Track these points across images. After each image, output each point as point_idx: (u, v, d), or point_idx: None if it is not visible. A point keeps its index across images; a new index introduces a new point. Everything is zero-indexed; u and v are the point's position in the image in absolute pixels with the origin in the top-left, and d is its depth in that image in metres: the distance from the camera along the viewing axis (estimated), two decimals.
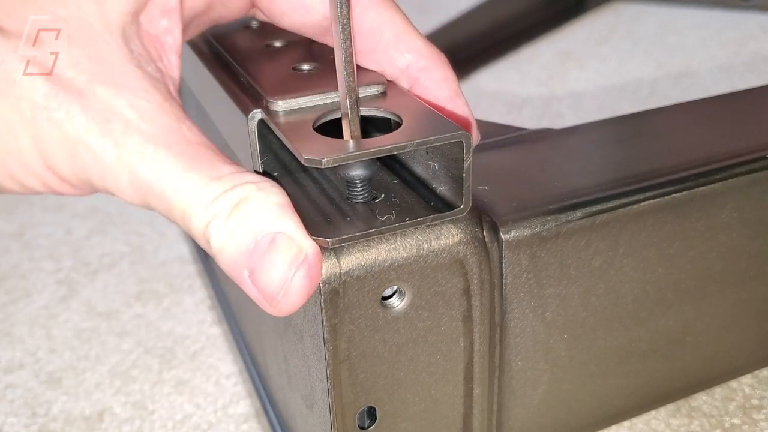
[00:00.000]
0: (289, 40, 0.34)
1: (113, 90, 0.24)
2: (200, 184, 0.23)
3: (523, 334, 0.32)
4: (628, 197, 0.32)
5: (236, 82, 0.31)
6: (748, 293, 0.37)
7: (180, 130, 0.24)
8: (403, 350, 0.28)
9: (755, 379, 0.41)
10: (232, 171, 0.24)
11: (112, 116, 0.23)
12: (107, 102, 0.24)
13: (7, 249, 0.60)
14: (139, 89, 0.24)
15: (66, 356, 0.47)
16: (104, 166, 0.24)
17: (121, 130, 0.23)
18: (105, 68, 0.24)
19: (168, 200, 0.24)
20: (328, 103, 0.28)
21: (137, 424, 0.42)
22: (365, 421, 0.30)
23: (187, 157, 0.24)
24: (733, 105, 0.42)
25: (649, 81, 0.80)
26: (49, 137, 0.23)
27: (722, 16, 0.95)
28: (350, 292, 0.26)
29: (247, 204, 0.23)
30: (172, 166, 0.23)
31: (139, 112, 0.24)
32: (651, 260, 0.33)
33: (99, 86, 0.24)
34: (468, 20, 0.88)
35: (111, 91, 0.24)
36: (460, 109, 0.29)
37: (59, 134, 0.23)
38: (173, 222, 0.24)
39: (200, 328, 0.49)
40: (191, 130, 0.25)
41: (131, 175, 0.24)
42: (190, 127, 0.25)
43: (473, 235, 0.28)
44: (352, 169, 0.27)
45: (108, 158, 0.23)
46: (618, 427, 0.39)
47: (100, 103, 0.24)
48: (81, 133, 0.23)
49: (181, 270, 0.56)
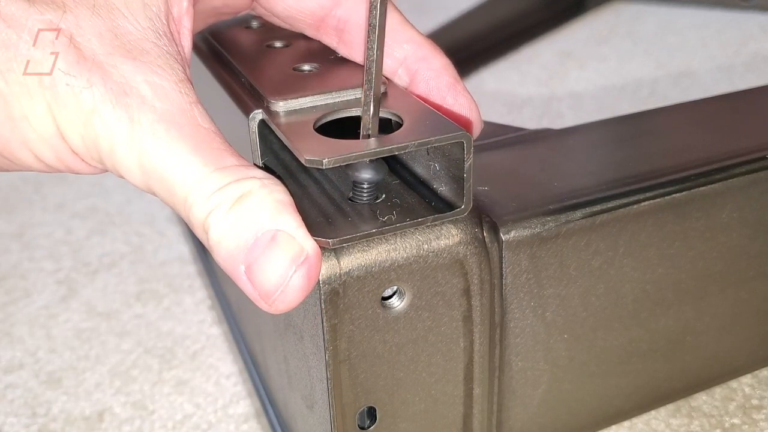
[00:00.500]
0: (290, 40, 0.34)
1: (132, 64, 0.24)
2: (205, 171, 0.23)
3: (523, 334, 0.32)
4: (628, 197, 0.32)
5: (237, 83, 0.31)
6: (748, 293, 0.37)
7: (192, 112, 0.24)
8: (403, 350, 0.28)
9: (755, 379, 0.41)
10: (236, 163, 0.24)
11: (130, 90, 0.24)
12: (126, 75, 0.24)
13: (7, 249, 0.60)
14: (156, 66, 0.24)
15: (66, 356, 0.47)
16: (116, 140, 0.24)
17: (136, 105, 0.24)
18: (126, 42, 0.24)
19: (171, 185, 0.24)
20: (329, 103, 0.28)
21: (137, 424, 0.42)
22: (365, 421, 0.30)
23: (195, 141, 0.24)
24: (733, 105, 0.42)
25: (649, 81, 0.80)
26: (65, 104, 0.23)
27: (722, 16, 0.95)
28: (350, 292, 0.26)
29: (249, 198, 0.23)
30: (180, 147, 0.23)
31: (154, 90, 0.24)
32: (651, 260, 0.33)
33: (119, 59, 0.24)
34: (468, 20, 0.88)
35: (130, 64, 0.24)
36: (463, 96, 0.30)
37: (75, 102, 0.23)
38: (172, 208, 0.24)
39: (200, 328, 0.49)
40: (202, 114, 0.25)
41: (140, 153, 0.24)
42: (201, 111, 0.25)
43: (473, 235, 0.28)
44: (362, 172, 0.27)
45: (121, 132, 0.23)
46: (618, 427, 0.39)
47: (119, 76, 0.24)
48: (97, 102, 0.23)
49: (181, 270, 0.56)
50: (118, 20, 0.25)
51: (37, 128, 0.24)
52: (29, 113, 0.24)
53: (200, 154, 0.24)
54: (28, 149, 0.24)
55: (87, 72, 0.23)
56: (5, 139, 0.24)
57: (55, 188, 0.69)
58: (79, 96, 0.23)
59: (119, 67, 0.24)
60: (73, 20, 0.24)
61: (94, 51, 0.24)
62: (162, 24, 0.26)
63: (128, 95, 0.24)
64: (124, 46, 0.24)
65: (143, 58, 0.24)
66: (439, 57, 0.30)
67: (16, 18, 0.23)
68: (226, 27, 0.36)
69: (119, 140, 0.24)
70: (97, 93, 0.23)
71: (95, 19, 0.24)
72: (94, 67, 0.24)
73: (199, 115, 0.24)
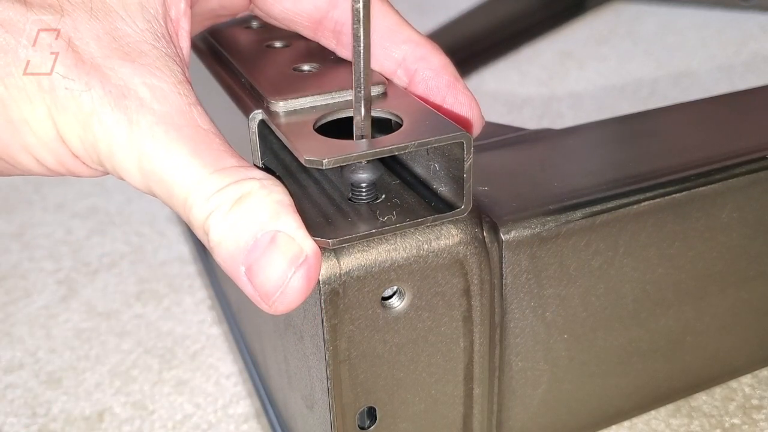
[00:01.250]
0: (290, 40, 0.34)
1: (131, 66, 0.24)
2: (204, 172, 0.23)
3: (523, 334, 0.32)
4: (628, 197, 0.32)
5: (237, 83, 0.31)
6: (748, 293, 0.37)
7: (191, 113, 0.24)
8: (403, 350, 0.28)
9: (755, 379, 0.41)
10: (236, 164, 0.24)
11: (128, 92, 0.24)
12: (124, 78, 0.24)
13: (7, 249, 0.60)
14: (155, 68, 0.24)
15: (66, 356, 0.47)
16: (115, 143, 0.24)
17: (135, 107, 0.24)
18: (124, 45, 0.24)
19: (171, 186, 0.24)
20: (329, 103, 0.28)
21: (137, 424, 0.42)
22: (365, 421, 0.30)
23: (194, 142, 0.24)
24: (733, 105, 0.42)
25: (649, 81, 0.80)
26: (65, 108, 0.23)
27: (722, 16, 0.95)
28: (350, 292, 0.26)
29: (249, 199, 0.23)
30: (179, 149, 0.23)
31: (152, 92, 0.24)
32: (651, 260, 0.33)
33: (117, 61, 0.24)
34: (468, 20, 0.88)
35: (129, 67, 0.24)
36: (463, 94, 0.29)
37: (75, 105, 0.23)
38: (172, 209, 0.24)
39: (200, 328, 0.49)
40: (202, 115, 0.25)
41: (140, 155, 0.24)
42: (201, 112, 0.25)
43: (473, 235, 0.28)
44: (359, 173, 0.27)
45: (120, 134, 0.23)
46: (618, 427, 0.39)
47: (117, 78, 0.24)
48: (96, 105, 0.23)
49: (181, 270, 0.56)
50: (116, 23, 0.25)
51: (37, 132, 0.24)
52: (29, 117, 0.24)
53: (199, 155, 0.24)
54: (29, 153, 0.24)
55: (85, 75, 0.23)
56: (5, 143, 0.24)
57: (55, 188, 0.69)
58: (78, 99, 0.23)
59: (117, 70, 0.24)
60: (71, 23, 0.24)
61: (92, 54, 0.24)
62: (160, 26, 0.26)
63: (127, 97, 0.24)
64: (122, 49, 0.24)
65: (141, 60, 0.24)
66: (438, 56, 0.30)
67: (13, 22, 0.23)
68: (225, 27, 0.36)
69: (118, 142, 0.24)
70: (95, 96, 0.23)
71: (93, 22, 0.24)
72: (93, 70, 0.24)
73: (198, 116, 0.24)
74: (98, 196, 0.67)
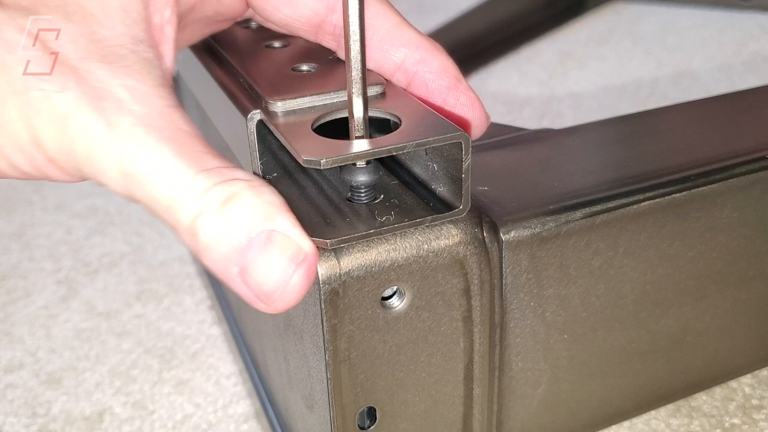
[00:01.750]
0: (289, 40, 0.34)
1: (108, 69, 0.24)
2: (189, 173, 0.23)
3: (523, 334, 0.32)
4: (628, 197, 0.32)
5: (235, 83, 0.31)
6: (748, 293, 0.37)
7: (171, 115, 0.24)
8: (403, 350, 0.28)
9: (755, 379, 0.41)
10: (220, 165, 0.24)
11: (106, 94, 0.23)
12: (102, 80, 0.23)
13: (7, 249, 0.60)
14: (133, 71, 0.24)
15: (66, 356, 0.47)
16: (93, 146, 0.23)
17: (113, 109, 0.23)
18: (102, 48, 0.24)
19: (154, 188, 0.23)
20: (328, 103, 0.28)
21: (137, 424, 0.42)
22: (365, 421, 0.30)
23: (176, 143, 0.23)
24: (733, 105, 0.42)
25: (649, 81, 0.80)
26: (39, 110, 0.23)
27: (722, 16, 0.95)
28: (350, 292, 0.26)
29: (239, 200, 0.23)
30: (161, 150, 0.23)
31: (132, 93, 0.23)
32: (651, 260, 0.33)
33: (95, 63, 0.23)
34: (468, 20, 0.88)
35: (106, 69, 0.24)
36: (464, 95, 0.29)
37: (49, 107, 0.23)
38: (155, 214, 0.24)
39: (200, 328, 0.49)
40: (183, 117, 0.24)
41: (120, 157, 0.23)
42: (181, 114, 0.24)
43: (473, 235, 0.28)
44: (358, 173, 0.27)
45: (98, 136, 0.23)
46: (618, 427, 0.39)
47: (95, 80, 0.23)
48: (72, 107, 0.23)
49: (181, 270, 0.56)
50: (93, 26, 0.24)
51: (10, 134, 0.23)
52: (1, 119, 0.23)
53: (182, 156, 0.23)
54: (1, 156, 0.24)
55: (61, 76, 0.23)
56: None
57: (55, 188, 0.69)
58: (53, 100, 0.23)
59: (95, 72, 0.23)
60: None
61: (68, 56, 0.23)
62: (140, 30, 0.25)
63: (105, 99, 0.23)
64: (100, 52, 0.24)
65: (120, 63, 0.24)
66: (438, 58, 0.29)
67: None
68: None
69: (97, 145, 0.23)
70: (71, 97, 0.23)
71: (69, 25, 0.24)
72: (68, 71, 0.23)
73: (179, 118, 0.24)
74: (98, 196, 0.67)
